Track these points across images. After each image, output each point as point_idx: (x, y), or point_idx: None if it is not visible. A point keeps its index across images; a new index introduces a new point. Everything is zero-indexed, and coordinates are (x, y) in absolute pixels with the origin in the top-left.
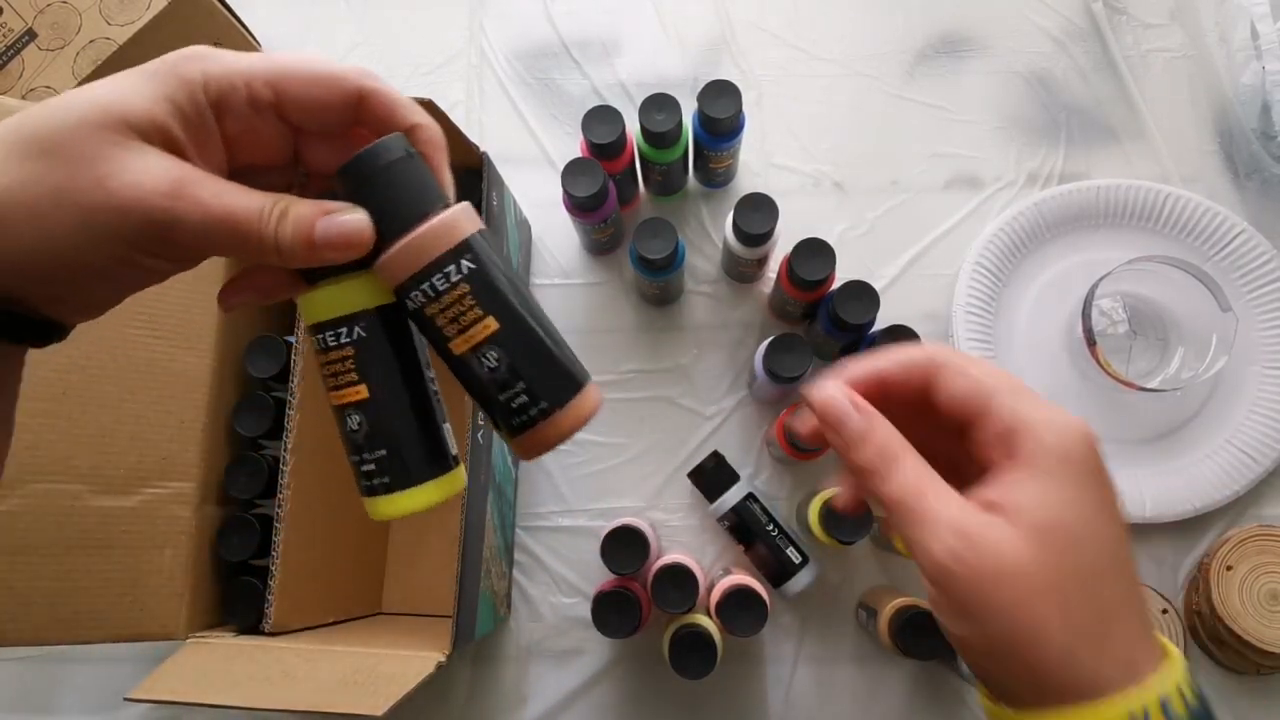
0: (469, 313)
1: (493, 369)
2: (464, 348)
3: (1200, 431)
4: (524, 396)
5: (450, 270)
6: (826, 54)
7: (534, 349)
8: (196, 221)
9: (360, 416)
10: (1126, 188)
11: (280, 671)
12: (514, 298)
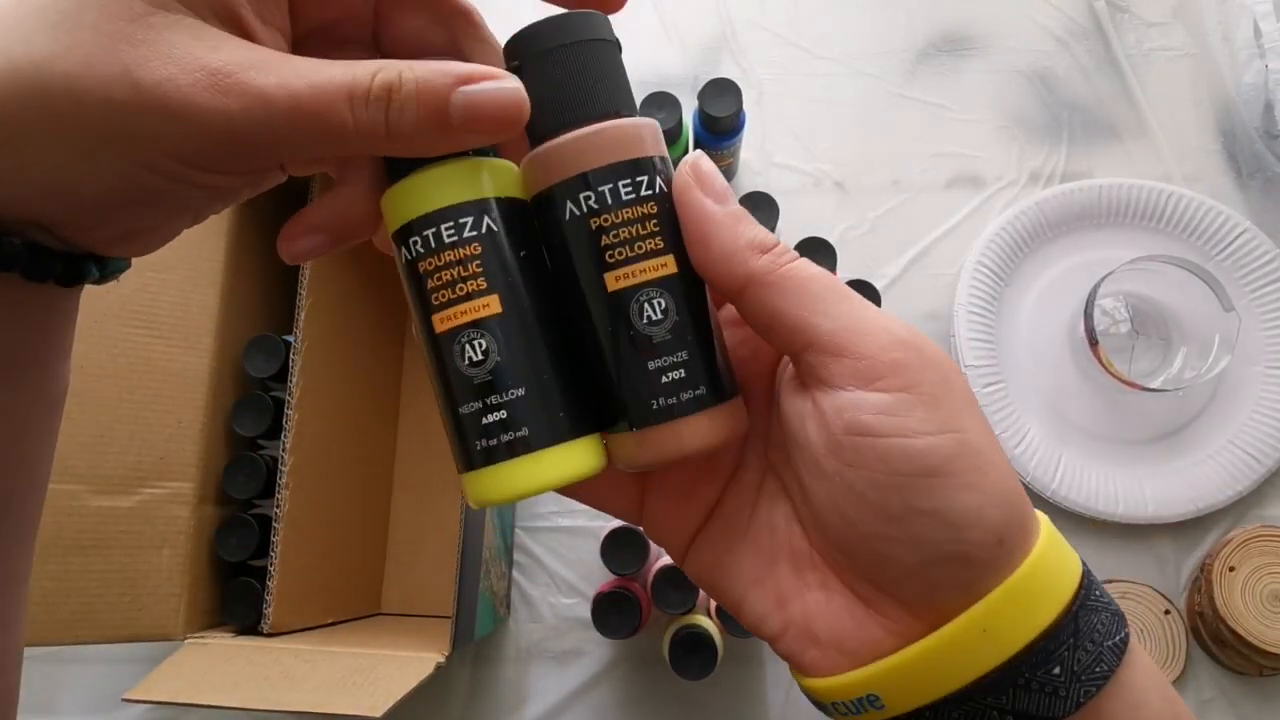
0: (648, 241)
1: (655, 321)
2: (624, 283)
3: (1203, 432)
4: (682, 371)
5: (643, 181)
6: (827, 53)
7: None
8: (260, 120)
9: (487, 340)
10: (1129, 187)
11: (279, 672)
12: None
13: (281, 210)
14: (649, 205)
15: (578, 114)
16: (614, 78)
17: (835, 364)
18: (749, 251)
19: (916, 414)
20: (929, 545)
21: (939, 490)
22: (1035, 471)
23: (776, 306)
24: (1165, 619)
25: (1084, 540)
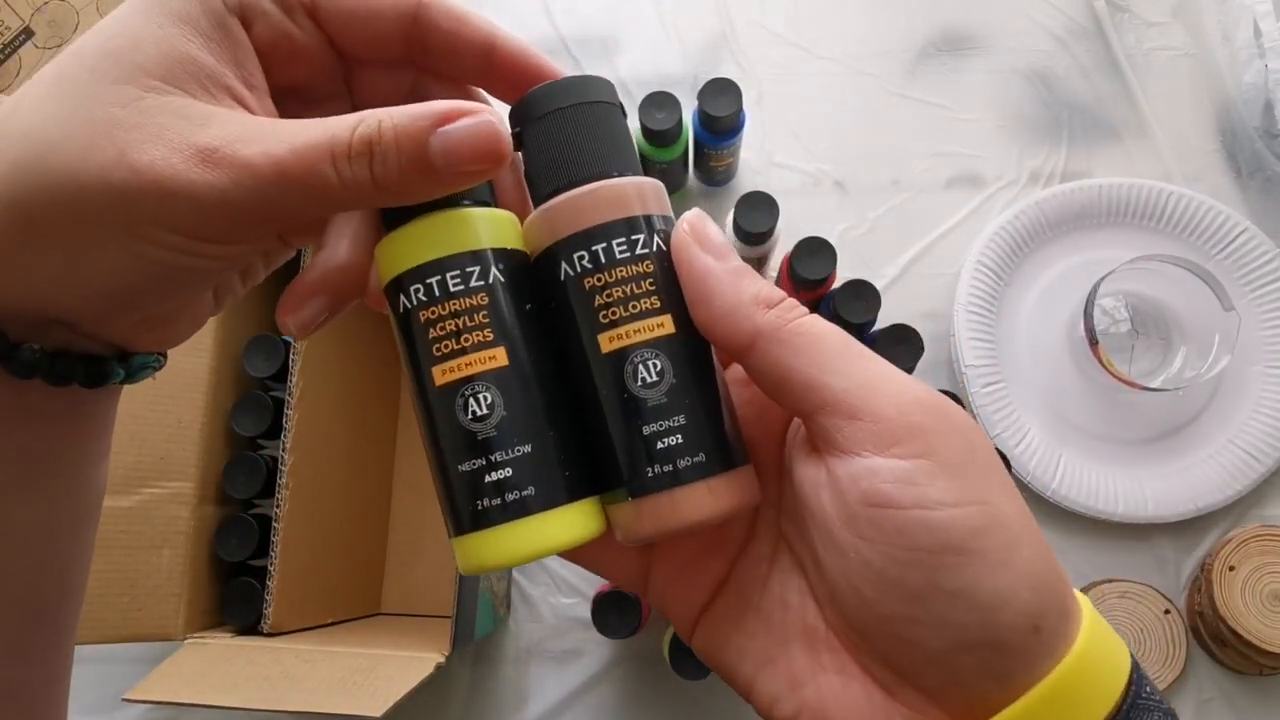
0: (644, 300)
1: (650, 383)
2: (619, 344)
3: (1202, 431)
4: (679, 437)
5: (638, 240)
6: (827, 52)
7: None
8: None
9: (493, 394)
10: (1128, 186)
11: (279, 672)
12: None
13: None
14: (644, 264)
15: (574, 175)
16: (612, 139)
17: (849, 427)
18: (754, 306)
19: (938, 483)
20: (955, 629)
21: (965, 568)
22: (1035, 471)
23: (786, 364)
24: (1165, 619)
25: (1084, 540)
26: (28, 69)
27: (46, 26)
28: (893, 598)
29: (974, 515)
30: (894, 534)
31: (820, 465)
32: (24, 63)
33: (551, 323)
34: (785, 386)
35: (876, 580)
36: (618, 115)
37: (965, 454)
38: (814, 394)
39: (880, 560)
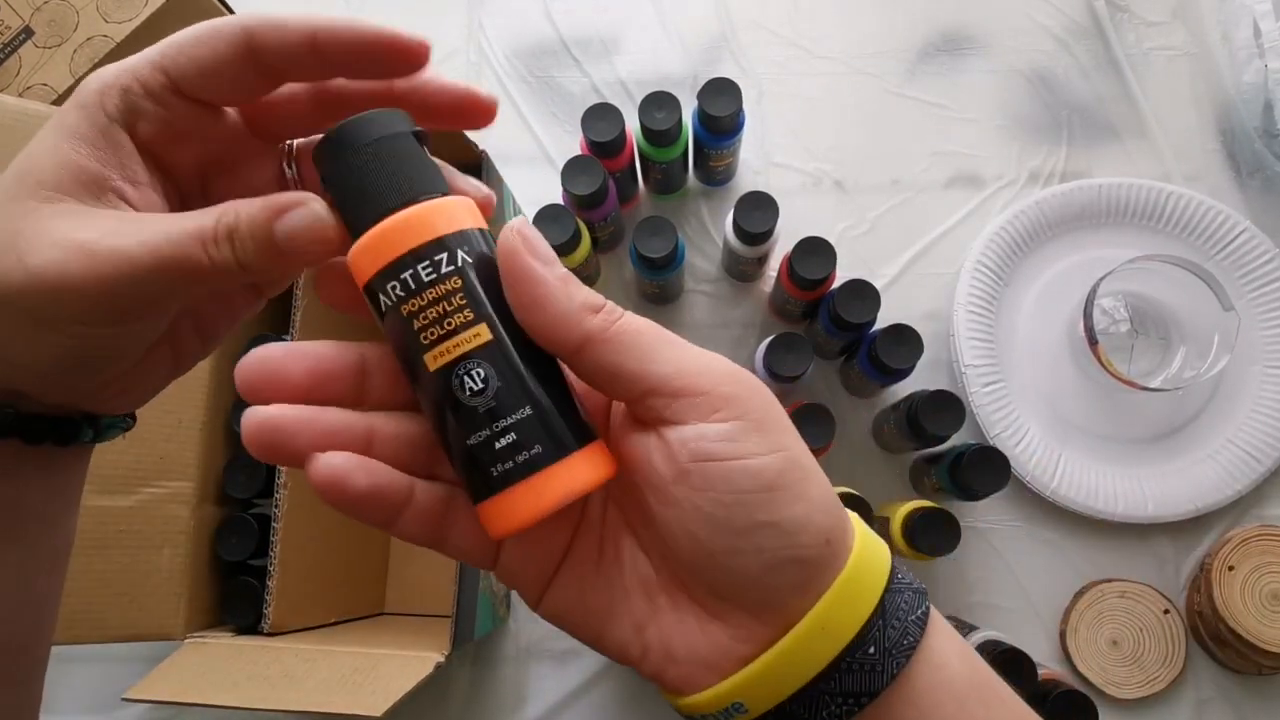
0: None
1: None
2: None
3: (1202, 431)
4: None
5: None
6: (827, 52)
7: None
8: (129, 275)
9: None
10: (1128, 186)
11: (279, 671)
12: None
13: None
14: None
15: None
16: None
17: (676, 403)
18: (584, 313)
19: (752, 438)
20: (769, 553)
21: (775, 503)
22: (1035, 471)
23: (615, 361)
24: (1165, 618)
25: (1084, 540)
26: (27, 68)
27: (46, 26)
28: (720, 534)
29: (779, 460)
30: (720, 481)
31: (649, 435)
32: (23, 62)
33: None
34: (615, 380)
35: (706, 522)
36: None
37: (766, 412)
38: (641, 382)
39: (709, 505)
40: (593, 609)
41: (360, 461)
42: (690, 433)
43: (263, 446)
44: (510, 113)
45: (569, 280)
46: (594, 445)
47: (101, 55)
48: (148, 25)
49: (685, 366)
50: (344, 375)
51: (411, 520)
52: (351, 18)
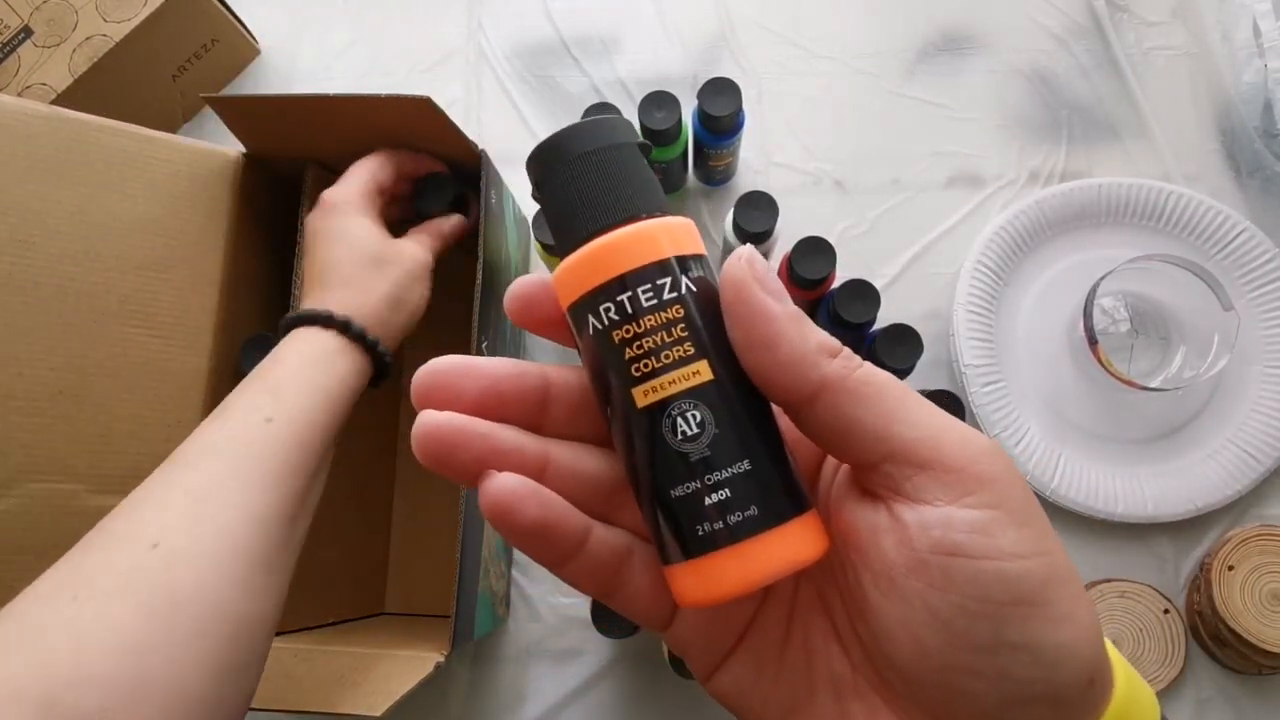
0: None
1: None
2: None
3: (1202, 431)
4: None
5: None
6: (827, 52)
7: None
8: None
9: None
10: (1128, 186)
11: (279, 671)
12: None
13: (279, 211)
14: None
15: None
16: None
17: (920, 476)
18: (819, 355)
19: (1010, 534)
20: (1015, 683)
21: (1033, 621)
22: (1035, 471)
23: (853, 415)
24: (1164, 618)
25: (1083, 540)
26: (26, 67)
27: (45, 25)
28: (956, 648)
29: (1043, 567)
30: (965, 584)
31: (880, 511)
32: (23, 61)
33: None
34: (850, 438)
35: (942, 630)
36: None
37: (1028, 504)
38: (882, 444)
39: (948, 610)
40: (771, 700)
41: (534, 489)
42: (934, 516)
43: (429, 455)
44: (510, 113)
45: (802, 319)
46: (810, 514)
47: (100, 55)
48: (147, 25)
49: (937, 433)
50: (523, 399)
51: (584, 565)
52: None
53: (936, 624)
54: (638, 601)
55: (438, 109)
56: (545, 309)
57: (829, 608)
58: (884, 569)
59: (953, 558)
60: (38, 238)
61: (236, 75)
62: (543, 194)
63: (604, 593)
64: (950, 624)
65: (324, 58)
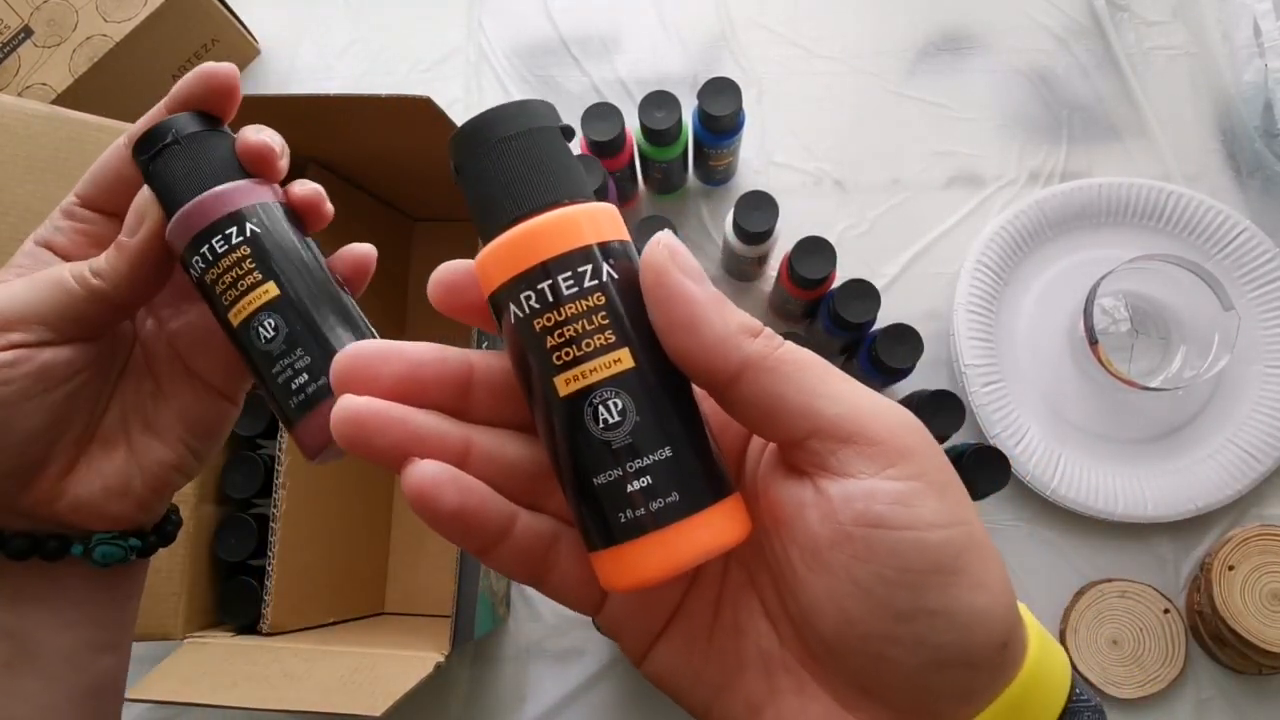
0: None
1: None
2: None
3: (1202, 431)
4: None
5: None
6: (827, 51)
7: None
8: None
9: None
10: (1128, 186)
11: (279, 671)
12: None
13: None
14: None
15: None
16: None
17: (843, 450)
18: (741, 335)
19: (929, 504)
20: (932, 648)
21: (950, 588)
22: (1035, 471)
23: (778, 392)
24: (1165, 618)
25: (1083, 540)
26: (26, 67)
27: (45, 25)
28: (877, 616)
29: (960, 536)
30: (886, 554)
31: (806, 486)
32: (23, 61)
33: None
34: (775, 415)
35: (864, 599)
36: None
37: (946, 475)
38: (805, 420)
39: (870, 579)
40: (702, 677)
41: (453, 475)
42: (857, 489)
43: (347, 439)
44: None
45: (723, 301)
46: (733, 498)
47: (100, 55)
48: (147, 25)
49: (859, 407)
50: (445, 384)
51: (510, 552)
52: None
53: (859, 594)
54: (566, 587)
55: (438, 109)
56: (470, 296)
57: (758, 586)
58: (809, 543)
59: (875, 529)
60: None
61: None
62: (464, 179)
63: (533, 578)
64: (871, 593)
65: (324, 58)
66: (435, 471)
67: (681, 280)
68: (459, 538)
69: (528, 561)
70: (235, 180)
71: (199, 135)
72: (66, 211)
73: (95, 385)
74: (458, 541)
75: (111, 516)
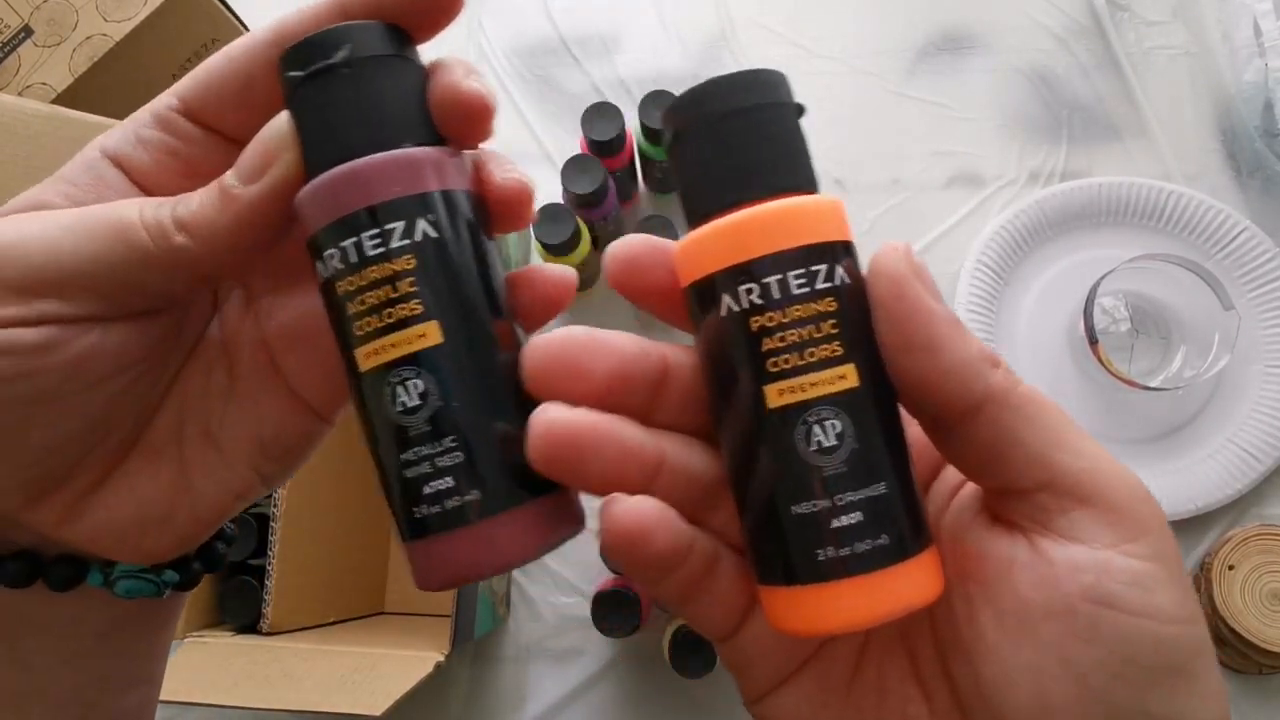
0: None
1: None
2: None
3: (1202, 431)
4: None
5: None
6: (827, 51)
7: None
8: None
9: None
10: (1128, 185)
11: (279, 671)
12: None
13: None
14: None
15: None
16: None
17: (1078, 511)
18: (984, 364)
19: (1169, 593)
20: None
21: (1180, 694)
22: None
23: (1018, 434)
24: None
25: None
26: (26, 67)
27: (45, 24)
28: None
29: (1196, 635)
30: (1115, 640)
31: (1018, 543)
32: (23, 61)
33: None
34: (1005, 459)
35: (1073, 685)
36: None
37: (1180, 562)
38: (1041, 470)
39: (1087, 664)
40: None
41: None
42: (1088, 559)
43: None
44: (510, 111)
45: (960, 323)
46: (932, 550)
47: (101, 54)
48: (147, 24)
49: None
50: (643, 381)
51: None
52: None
53: (1068, 678)
54: (710, 612)
55: None
56: (653, 277)
57: (912, 647)
58: (1015, 608)
59: (1105, 608)
60: None
61: None
62: (682, 150)
63: (679, 600)
64: (1085, 680)
65: None
66: (650, 510)
67: (923, 294)
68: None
69: (686, 585)
70: (422, 145)
71: (383, 62)
72: (159, 118)
73: (150, 378)
74: (639, 576)
75: (142, 551)
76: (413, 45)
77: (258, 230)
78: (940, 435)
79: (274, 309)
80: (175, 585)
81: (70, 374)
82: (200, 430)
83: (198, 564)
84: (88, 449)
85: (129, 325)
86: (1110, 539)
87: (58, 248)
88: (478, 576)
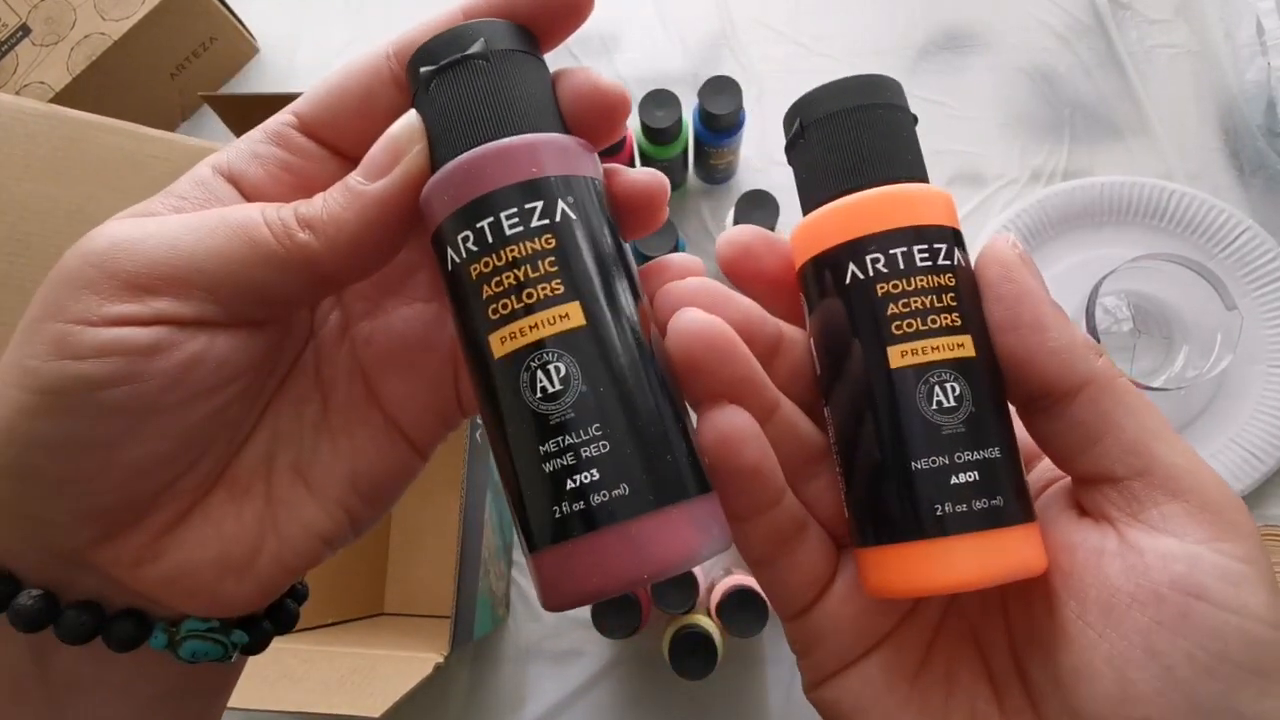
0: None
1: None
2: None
3: (1204, 431)
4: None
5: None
6: (828, 50)
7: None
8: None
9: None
10: (1130, 185)
11: (278, 672)
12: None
13: None
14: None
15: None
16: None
17: (1171, 504)
18: (1088, 349)
19: (1261, 595)
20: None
21: (1269, 696)
22: None
23: (1117, 420)
24: None
25: None
26: (25, 66)
27: (43, 23)
28: (1170, 700)
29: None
30: (1204, 632)
31: (1107, 533)
32: (20, 60)
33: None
34: (1101, 445)
35: (1159, 676)
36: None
37: (1272, 570)
38: (1137, 458)
39: (1174, 655)
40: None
41: (757, 432)
42: (1178, 550)
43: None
44: None
45: (1064, 313)
46: (1037, 526)
47: (99, 53)
48: (145, 23)
49: (1198, 465)
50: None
51: (765, 526)
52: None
53: (1154, 667)
54: (790, 579)
55: None
56: (766, 262)
57: (984, 642)
58: (1102, 595)
59: (1196, 600)
60: (35, 236)
61: (235, 74)
62: (810, 139)
63: (764, 559)
64: (1172, 671)
65: (323, 56)
66: (745, 423)
67: (1030, 278)
68: (736, 493)
69: (774, 540)
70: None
71: (516, 57)
72: (275, 133)
73: (247, 400)
74: (732, 496)
75: (219, 600)
76: (538, 45)
77: (382, 229)
78: (1037, 417)
79: (373, 334)
80: (243, 648)
81: (172, 383)
82: (290, 463)
83: (268, 623)
84: (175, 476)
85: (235, 336)
86: (1202, 535)
87: (178, 243)
88: (617, 587)
